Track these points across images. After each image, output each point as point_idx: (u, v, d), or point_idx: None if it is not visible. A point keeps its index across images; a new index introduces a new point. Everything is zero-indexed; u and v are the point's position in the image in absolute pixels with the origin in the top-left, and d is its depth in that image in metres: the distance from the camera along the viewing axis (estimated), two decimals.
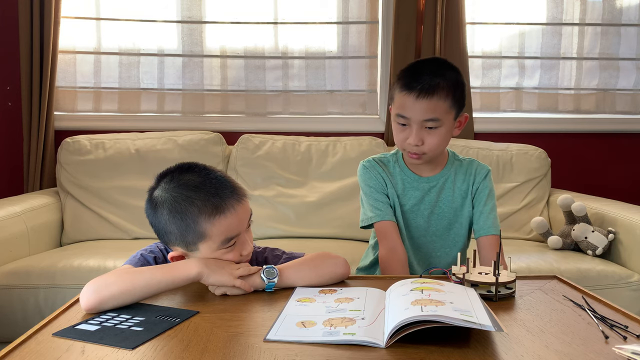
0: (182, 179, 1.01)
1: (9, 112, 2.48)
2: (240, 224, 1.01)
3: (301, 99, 2.61)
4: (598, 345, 0.78)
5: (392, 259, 1.31)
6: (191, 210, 0.97)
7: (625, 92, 2.67)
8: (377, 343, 0.76)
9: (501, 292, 0.98)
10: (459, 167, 1.40)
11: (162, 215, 1.00)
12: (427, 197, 1.38)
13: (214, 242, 0.99)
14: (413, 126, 1.26)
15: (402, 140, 1.30)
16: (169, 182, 1.01)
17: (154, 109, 2.57)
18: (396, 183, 1.39)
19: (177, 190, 0.99)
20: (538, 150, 2.37)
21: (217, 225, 0.98)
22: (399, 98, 1.28)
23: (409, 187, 1.38)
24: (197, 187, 0.99)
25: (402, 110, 1.27)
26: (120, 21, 2.52)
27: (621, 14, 2.63)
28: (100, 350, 0.75)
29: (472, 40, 2.59)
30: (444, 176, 1.38)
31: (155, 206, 1.01)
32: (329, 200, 2.27)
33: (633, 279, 1.78)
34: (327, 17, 2.58)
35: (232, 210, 0.99)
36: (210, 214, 0.97)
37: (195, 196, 0.98)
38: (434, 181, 1.38)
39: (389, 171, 1.40)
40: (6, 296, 1.71)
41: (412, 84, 1.24)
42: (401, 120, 1.28)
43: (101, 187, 2.23)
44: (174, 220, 0.98)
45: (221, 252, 1.00)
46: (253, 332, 0.82)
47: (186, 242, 1.00)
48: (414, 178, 1.38)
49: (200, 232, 0.98)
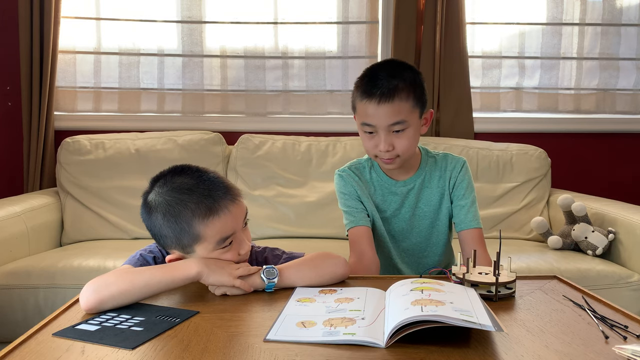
0: (175, 182, 1.01)
1: (9, 112, 2.48)
2: (235, 224, 1.01)
3: (301, 99, 2.61)
4: (598, 345, 0.78)
5: (359, 267, 1.27)
6: (185, 213, 0.97)
7: (625, 92, 2.67)
8: (377, 343, 0.76)
9: (501, 292, 0.98)
10: (433, 165, 1.38)
11: (157, 219, 1.00)
12: (407, 201, 1.37)
13: (210, 243, 0.99)
14: (380, 132, 1.24)
15: (372, 148, 1.28)
16: (162, 186, 1.02)
17: (154, 109, 2.57)
18: (374, 191, 1.38)
19: (170, 194, 1.00)
20: (538, 150, 2.37)
21: (211, 226, 0.98)
22: (361, 107, 1.26)
23: (388, 193, 1.37)
24: (190, 190, 0.99)
25: (366, 118, 1.25)
26: (120, 21, 2.52)
27: (621, 14, 2.63)
28: (100, 350, 0.75)
29: (472, 40, 2.59)
30: (420, 176, 1.37)
31: (149, 210, 1.02)
32: (329, 200, 2.27)
33: (633, 279, 1.78)
34: (327, 17, 2.58)
35: (225, 210, 0.99)
36: (204, 216, 0.97)
37: (188, 199, 0.98)
38: (411, 183, 1.36)
39: (364, 179, 1.38)
40: (6, 296, 1.71)
41: (371, 90, 1.23)
42: (367, 129, 1.26)
43: (101, 187, 2.23)
44: (168, 224, 0.99)
45: (218, 253, 1.01)
46: (253, 332, 0.82)
47: (182, 245, 1.00)
48: (391, 183, 1.37)
49: (195, 234, 0.98)
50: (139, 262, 1.07)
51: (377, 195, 1.37)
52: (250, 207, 1.61)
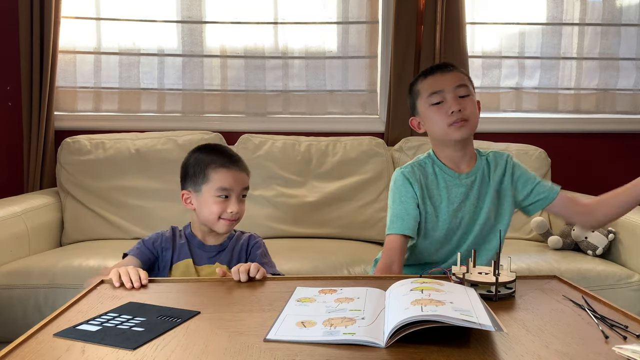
0: (211, 147, 1.40)
1: (9, 112, 2.48)
2: (235, 184, 1.31)
3: (301, 99, 2.61)
4: (598, 345, 0.78)
5: (385, 272, 1.30)
6: (206, 161, 1.32)
7: (625, 92, 2.67)
8: (377, 343, 0.76)
9: (501, 292, 0.99)
10: (486, 158, 1.42)
11: (189, 159, 1.36)
12: (471, 193, 1.37)
13: (212, 187, 1.30)
14: (448, 96, 1.33)
15: (443, 117, 1.32)
16: (203, 147, 1.40)
17: (154, 109, 2.57)
18: (438, 184, 1.38)
19: (205, 150, 1.37)
20: (538, 150, 2.37)
21: (219, 173, 1.30)
22: (426, 83, 1.37)
23: (452, 185, 1.38)
24: (220, 151, 1.36)
25: (433, 87, 1.34)
26: (120, 21, 2.52)
27: (621, 14, 2.63)
28: (101, 350, 0.75)
29: (472, 40, 2.59)
30: (479, 169, 1.39)
31: (189, 154, 1.38)
32: (329, 200, 2.27)
33: (633, 279, 1.78)
34: (327, 17, 2.58)
35: (233, 170, 1.32)
36: (218, 166, 1.31)
37: (214, 154, 1.34)
38: (473, 175, 1.38)
39: (428, 173, 1.39)
40: (6, 296, 1.71)
41: (433, 69, 1.37)
42: (436, 98, 1.34)
43: (101, 187, 2.23)
44: (194, 164, 1.34)
45: (213, 200, 1.29)
46: (253, 332, 0.82)
47: (196, 182, 1.32)
48: (454, 176, 1.38)
49: (206, 176, 1.31)
50: (139, 251, 1.30)
51: (441, 189, 1.38)
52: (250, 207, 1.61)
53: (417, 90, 1.38)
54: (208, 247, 1.35)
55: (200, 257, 1.34)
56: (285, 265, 1.76)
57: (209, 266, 1.33)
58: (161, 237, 1.34)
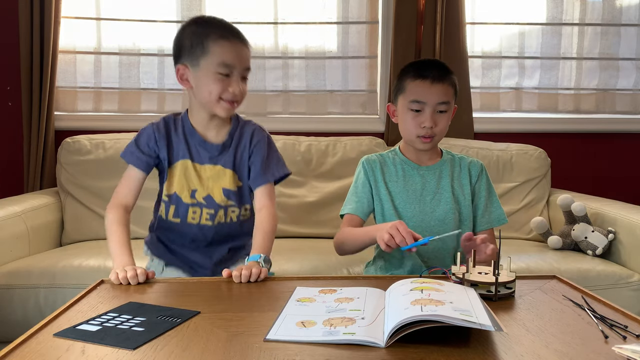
0: (211, 17, 1.28)
1: (9, 112, 2.48)
2: (237, 59, 1.22)
3: (301, 99, 2.61)
4: (598, 345, 0.78)
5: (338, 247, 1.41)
6: (205, 31, 1.21)
7: (625, 92, 2.67)
8: (377, 343, 0.76)
9: (501, 292, 0.99)
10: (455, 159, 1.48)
11: (185, 29, 1.24)
12: (428, 185, 1.42)
13: (212, 62, 1.19)
14: (427, 110, 1.35)
15: (415, 126, 1.37)
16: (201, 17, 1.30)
17: (154, 109, 2.57)
18: (397, 172, 1.43)
19: (202, 18, 1.27)
20: (538, 150, 2.37)
21: (220, 45, 1.20)
22: (413, 86, 1.37)
23: (410, 175, 1.43)
24: (219, 22, 1.25)
25: (417, 96, 1.36)
26: (120, 21, 2.52)
27: (621, 14, 2.63)
28: (101, 350, 0.75)
29: (472, 40, 2.59)
30: (442, 165, 1.44)
31: (184, 24, 1.25)
32: (329, 200, 2.27)
33: (633, 279, 1.78)
34: (327, 17, 2.58)
35: (235, 42, 1.22)
36: (218, 37, 1.20)
37: (213, 23, 1.24)
38: (433, 170, 1.44)
39: (388, 164, 1.45)
40: (6, 296, 1.71)
41: (425, 72, 1.36)
42: (415, 107, 1.36)
43: (101, 187, 2.23)
44: (191, 35, 1.21)
45: (214, 78, 1.20)
46: (253, 332, 0.82)
47: (193, 55, 1.21)
48: (413, 166, 1.44)
49: (206, 48, 1.19)
50: (136, 158, 1.28)
51: (399, 176, 1.43)
52: None
53: (404, 86, 1.40)
54: (209, 146, 1.29)
55: (202, 156, 1.29)
56: (285, 265, 1.76)
57: (212, 167, 1.29)
58: (154, 134, 1.27)
